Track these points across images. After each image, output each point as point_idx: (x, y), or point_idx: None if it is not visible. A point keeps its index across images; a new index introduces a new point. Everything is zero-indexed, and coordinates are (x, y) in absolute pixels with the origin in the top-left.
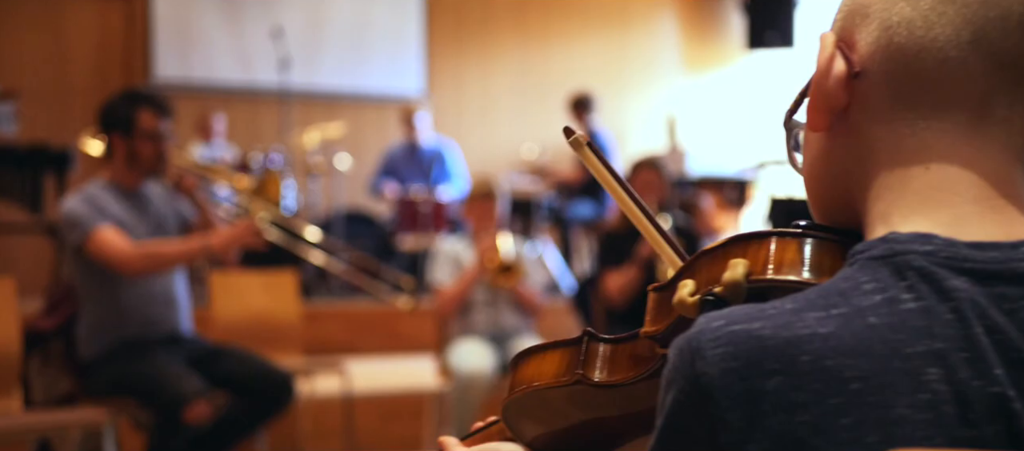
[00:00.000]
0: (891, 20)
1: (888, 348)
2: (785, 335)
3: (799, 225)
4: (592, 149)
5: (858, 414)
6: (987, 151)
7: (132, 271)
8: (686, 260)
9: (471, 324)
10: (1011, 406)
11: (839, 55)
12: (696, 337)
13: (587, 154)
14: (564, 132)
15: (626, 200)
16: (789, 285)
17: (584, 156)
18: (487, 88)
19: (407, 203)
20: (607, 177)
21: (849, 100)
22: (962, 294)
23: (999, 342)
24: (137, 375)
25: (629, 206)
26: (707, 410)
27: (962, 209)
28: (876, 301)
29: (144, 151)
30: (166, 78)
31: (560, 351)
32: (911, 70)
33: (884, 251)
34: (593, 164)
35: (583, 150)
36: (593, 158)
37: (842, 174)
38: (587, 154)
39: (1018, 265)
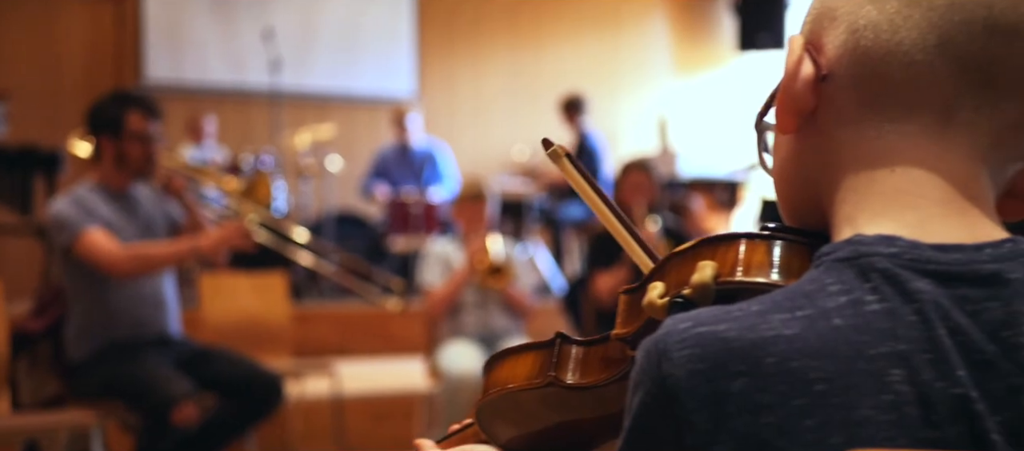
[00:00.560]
0: (858, 23)
1: (852, 349)
2: (750, 337)
3: (768, 227)
4: (571, 160)
5: (822, 415)
6: (952, 154)
7: (121, 273)
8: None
9: (461, 326)
10: (974, 407)
11: (807, 58)
12: (663, 339)
13: (565, 166)
14: (543, 144)
15: (605, 212)
16: (757, 287)
17: (562, 168)
18: (479, 90)
19: (398, 205)
20: (585, 188)
21: (817, 103)
22: (925, 296)
23: (962, 343)
24: (125, 377)
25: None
26: (673, 411)
27: (927, 211)
28: (841, 303)
29: (133, 153)
30: (157, 79)
31: (533, 354)
32: (877, 73)
33: (849, 253)
34: (571, 175)
35: (561, 161)
36: (571, 169)
37: (810, 176)
38: (565, 166)
39: (981, 267)
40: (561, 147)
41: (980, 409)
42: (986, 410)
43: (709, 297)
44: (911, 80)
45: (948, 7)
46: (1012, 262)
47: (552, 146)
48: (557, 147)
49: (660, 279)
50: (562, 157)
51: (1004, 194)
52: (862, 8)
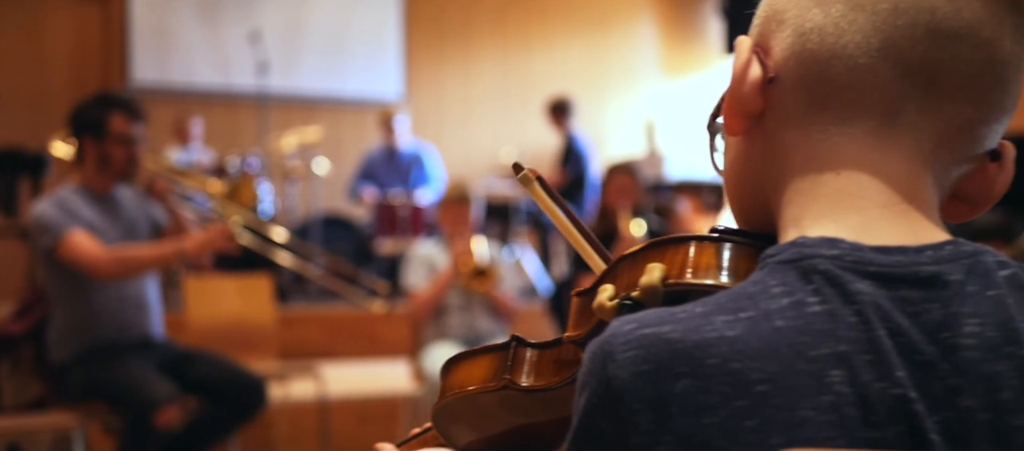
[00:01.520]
0: (804, 27)
1: (793, 351)
2: (694, 338)
3: (717, 230)
4: (542, 184)
5: (763, 416)
6: (896, 156)
7: (104, 275)
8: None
9: (445, 328)
10: (912, 407)
11: (755, 60)
12: (608, 341)
13: (536, 190)
14: (513, 168)
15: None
16: (705, 288)
17: (532, 191)
18: (466, 92)
19: (385, 207)
20: (556, 213)
21: (764, 105)
22: (866, 297)
23: (902, 344)
24: (108, 380)
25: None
26: (618, 412)
27: (870, 214)
28: (783, 304)
29: (116, 155)
30: (143, 81)
31: (489, 357)
32: (823, 76)
33: (792, 255)
34: (541, 199)
35: (532, 186)
36: (542, 194)
37: (758, 178)
38: (536, 190)
39: (921, 269)
40: (531, 171)
41: (919, 409)
42: (925, 410)
43: (657, 299)
44: (855, 83)
45: (891, 11)
46: (952, 264)
47: (522, 170)
48: (528, 171)
49: (611, 281)
50: (533, 181)
51: (949, 196)
52: (808, 11)
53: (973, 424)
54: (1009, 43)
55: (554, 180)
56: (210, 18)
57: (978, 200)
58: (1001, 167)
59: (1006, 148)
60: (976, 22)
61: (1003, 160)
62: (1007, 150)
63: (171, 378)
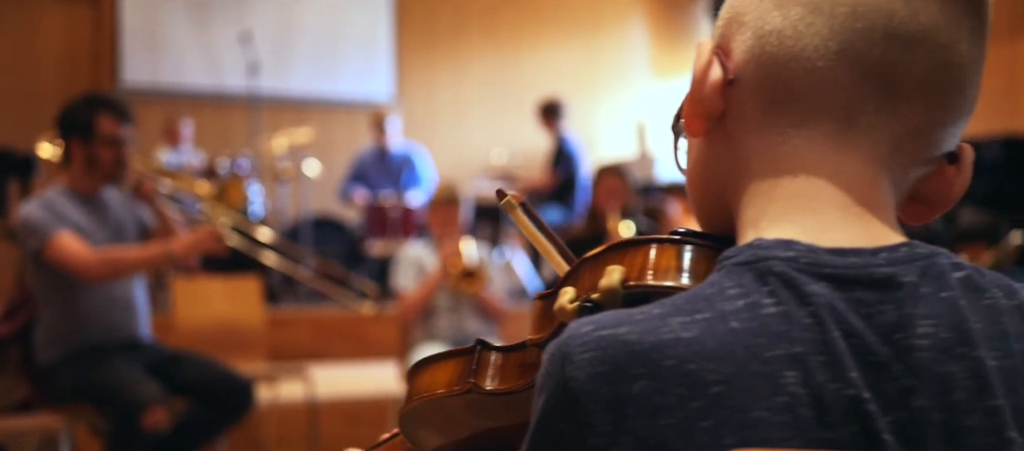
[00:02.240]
0: (763, 29)
1: (748, 352)
2: (651, 340)
3: (678, 232)
4: (525, 209)
5: (718, 417)
6: (853, 159)
7: (92, 277)
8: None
9: (434, 329)
10: (866, 408)
11: (716, 62)
12: (566, 342)
13: (519, 216)
14: (497, 194)
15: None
16: (665, 290)
17: (516, 218)
18: (458, 94)
19: (376, 208)
20: (538, 238)
21: (725, 107)
22: (820, 299)
23: (856, 346)
24: (94, 381)
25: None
26: (576, 414)
27: (826, 216)
28: (739, 306)
29: (103, 157)
30: (134, 83)
31: (454, 361)
32: (781, 79)
33: (749, 257)
34: (524, 225)
35: (515, 212)
36: (524, 220)
37: (719, 179)
38: (519, 216)
39: (876, 270)
40: (515, 196)
41: (872, 410)
42: (878, 411)
43: (617, 301)
44: (813, 86)
45: (849, 15)
46: (906, 266)
47: (506, 196)
48: (511, 196)
49: (572, 284)
50: (516, 207)
51: (908, 198)
52: (768, 14)
53: (926, 424)
54: (966, 47)
55: (545, 181)
56: (201, 19)
57: (936, 202)
58: (959, 170)
59: (964, 151)
60: (933, 26)
61: (961, 163)
62: (965, 153)
63: (158, 380)
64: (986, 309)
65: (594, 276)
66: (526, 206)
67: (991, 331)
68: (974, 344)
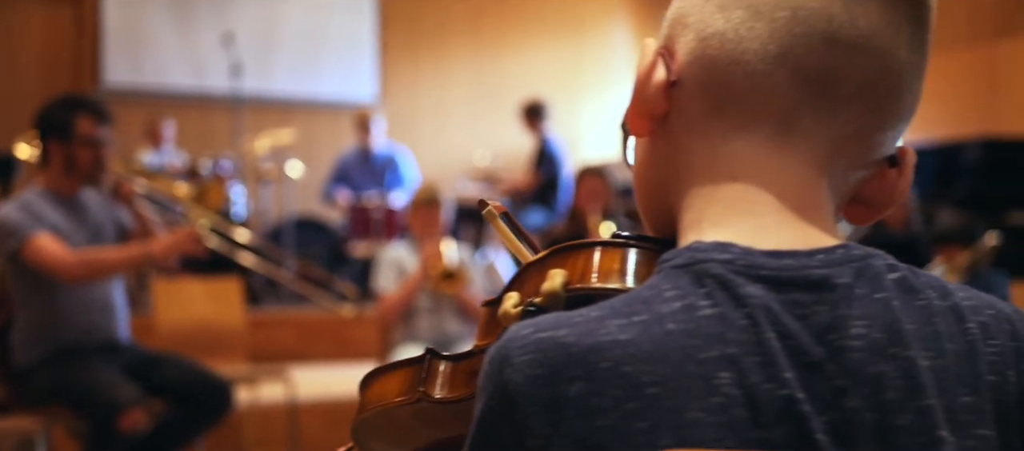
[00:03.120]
0: (706, 32)
1: (683, 354)
2: (588, 342)
3: (622, 235)
4: (508, 219)
5: (654, 418)
6: (792, 163)
7: (71, 278)
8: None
9: (415, 330)
10: (800, 408)
11: (660, 62)
12: (505, 345)
13: (500, 226)
14: (478, 204)
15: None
16: (607, 292)
17: (497, 228)
18: (441, 95)
19: (359, 210)
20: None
21: (668, 108)
22: (756, 300)
23: (790, 347)
24: (71, 383)
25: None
26: (514, 416)
27: (764, 219)
28: (675, 308)
29: (82, 158)
30: (116, 83)
31: (404, 371)
32: (722, 82)
33: (686, 259)
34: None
35: (496, 221)
36: (505, 229)
37: (662, 180)
38: (500, 226)
39: (812, 272)
40: (496, 206)
41: (806, 410)
42: (812, 411)
43: (559, 304)
44: (753, 89)
45: (789, 19)
46: (841, 267)
47: (487, 205)
48: (492, 207)
49: (517, 289)
50: (497, 217)
51: (851, 200)
52: (711, 16)
53: (858, 424)
54: (905, 52)
55: (527, 183)
56: (183, 20)
57: (878, 204)
58: (901, 172)
59: (906, 154)
60: (872, 31)
61: (903, 166)
62: (907, 156)
63: (136, 381)
64: (920, 310)
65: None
66: (508, 216)
67: (924, 332)
68: (906, 344)
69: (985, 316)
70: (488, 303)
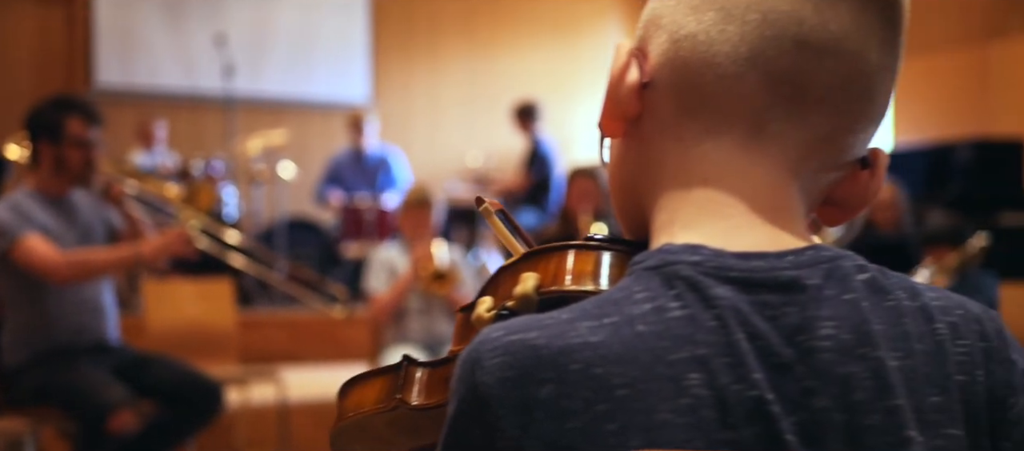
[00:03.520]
0: (678, 34)
1: (653, 355)
2: (558, 344)
3: (595, 238)
4: (505, 216)
5: (624, 419)
6: (763, 165)
7: (60, 279)
8: None
9: (405, 331)
10: (769, 409)
11: (634, 64)
12: (477, 348)
13: (496, 223)
14: (475, 201)
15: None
16: (578, 294)
17: (493, 224)
18: (434, 96)
19: (352, 211)
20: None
21: (641, 109)
22: (725, 302)
23: (760, 348)
24: (61, 384)
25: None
26: (485, 418)
27: (734, 221)
28: (645, 310)
29: (72, 159)
30: (108, 84)
31: (381, 378)
32: (694, 84)
33: (657, 261)
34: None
35: (492, 218)
36: (501, 227)
37: (635, 181)
38: (496, 223)
39: (781, 273)
40: (492, 202)
41: (775, 411)
42: (781, 412)
43: (532, 307)
44: (724, 92)
45: (760, 22)
46: (811, 269)
47: (484, 202)
48: (488, 203)
49: (490, 294)
50: (492, 214)
51: (823, 202)
52: (684, 18)
53: (827, 424)
54: (876, 55)
55: (519, 184)
56: (175, 21)
57: (850, 205)
58: (873, 174)
59: (878, 155)
60: (843, 35)
61: (875, 167)
62: (879, 157)
63: (126, 382)
64: (889, 310)
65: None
66: (504, 213)
67: (893, 332)
68: (875, 345)
69: (954, 316)
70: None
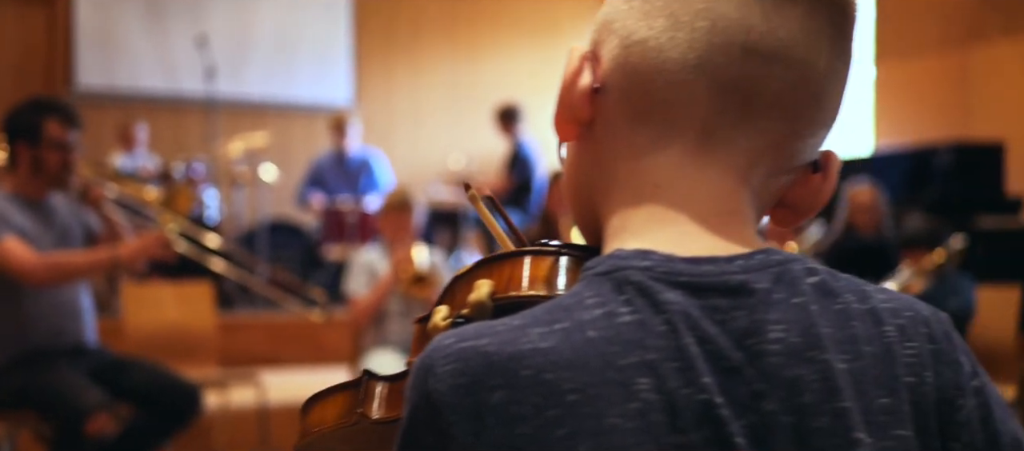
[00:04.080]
0: (630, 39)
1: (603, 360)
2: (509, 351)
3: (552, 244)
4: (492, 204)
5: (573, 424)
6: (713, 171)
7: (37, 281)
8: None
9: (385, 334)
10: (718, 412)
11: (587, 68)
12: (430, 355)
13: (482, 209)
14: (463, 187)
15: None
16: (532, 300)
17: (480, 212)
18: (416, 98)
19: (334, 213)
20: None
21: (594, 114)
22: (675, 307)
23: (709, 351)
24: (38, 387)
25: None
26: (438, 425)
27: (685, 227)
28: (596, 315)
29: (50, 161)
30: (89, 86)
31: (342, 394)
32: (644, 90)
33: (608, 267)
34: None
35: (478, 205)
36: (487, 213)
37: (589, 185)
38: (482, 209)
39: (730, 278)
40: (480, 190)
41: (724, 414)
42: (730, 415)
43: (486, 313)
44: (673, 98)
45: (709, 29)
46: (760, 272)
47: (471, 189)
48: (475, 190)
49: (446, 303)
50: (479, 200)
51: (776, 204)
52: (635, 24)
53: (776, 427)
54: (825, 61)
55: (501, 186)
56: (157, 22)
57: (803, 208)
58: (825, 177)
59: (829, 158)
60: (791, 42)
61: (826, 170)
62: (830, 160)
63: (103, 385)
64: (837, 313)
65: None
66: (492, 200)
67: (841, 335)
68: (823, 348)
69: (903, 319)
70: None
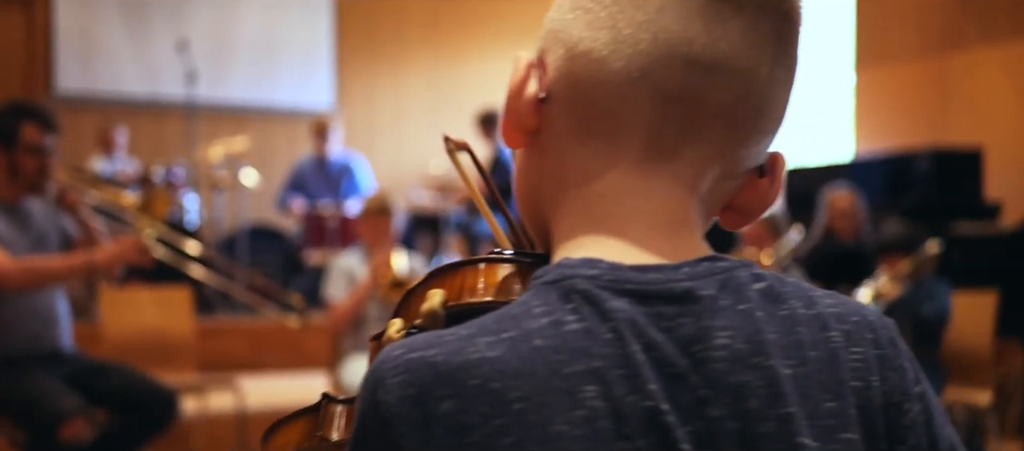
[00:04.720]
0: (574, 50)
1: (549, 368)
2: (457, 360)
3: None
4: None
5: (519, 433)
6: (658, 181)
7: (13, 286)
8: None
9: (364, 340)
10: (664, 419)
11: (533, 76)
12: (379, 367)
13: (457, 162)
14: (444, 140)
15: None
16: (485, 307)
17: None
18: (398, 103)
19: (315, 218)
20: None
21: (540, 122)
22: (621, 314)
23: (655, 358)
24: (12, 392)
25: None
26: (388, 436)
27: (632, 236)
28: (543, 324)
29: (26, 165)
30: (68, 89)
31: (302, 419)
32: (588, 100)
33: (555, 276)
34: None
35: (454, 157)
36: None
37: (539, 193)
38: (457, 162)
39: (676, 285)
40: (457, 142)
41: (670, 420)
42: (676, 421)
43: (439, 323)
44: (618, 110)
45: (651, 42)
46: (706, 279)
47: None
48: (453, 142)
49: (400, 315)
50: (455, 153)
51: (725, 208)
52: (579, 34)
53: (722, 433)
54: (767, 70)
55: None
56: (137, 26)
57: (750, 211)
58: (772, 180)
59: (776, 161)
60: (733, 53)
61: (773, 173)
62: (777, 163)
63: (80, 391)
64: (783, 319)
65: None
66: (470, 151)
67: (786, 341)
68: (768, 354)
69: (849, 324)
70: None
